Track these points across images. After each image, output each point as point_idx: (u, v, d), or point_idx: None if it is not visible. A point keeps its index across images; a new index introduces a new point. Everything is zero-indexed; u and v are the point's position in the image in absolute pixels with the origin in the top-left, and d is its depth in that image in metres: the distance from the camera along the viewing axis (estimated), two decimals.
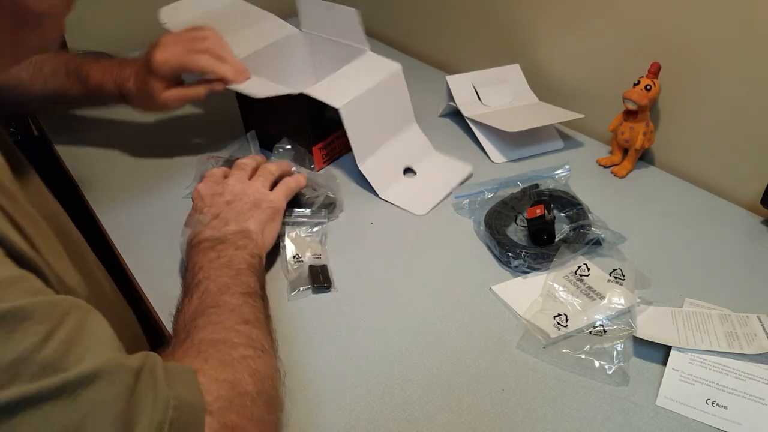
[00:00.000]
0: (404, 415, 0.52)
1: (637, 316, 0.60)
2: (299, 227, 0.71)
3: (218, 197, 0.65)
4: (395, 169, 0.82)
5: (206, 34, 0.76)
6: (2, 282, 0.34)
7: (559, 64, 0.97)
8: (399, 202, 0.78)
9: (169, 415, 0.36)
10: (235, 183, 0.67)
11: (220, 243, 0.59)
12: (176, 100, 0.76)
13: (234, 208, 0.64)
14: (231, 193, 0.66)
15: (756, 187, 0.77)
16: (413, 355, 0.57)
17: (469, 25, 1.11)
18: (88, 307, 0.39)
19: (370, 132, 0.79)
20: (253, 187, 0.67)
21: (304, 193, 0.73)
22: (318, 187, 0.75)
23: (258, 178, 0.69)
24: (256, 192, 0.67)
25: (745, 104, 0.76)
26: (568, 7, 0.92)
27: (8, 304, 0.33)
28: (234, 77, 0.74)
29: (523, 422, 0.51)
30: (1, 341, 0.32)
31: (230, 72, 0.74)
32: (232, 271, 0.55)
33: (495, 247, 0.69)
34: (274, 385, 0.48)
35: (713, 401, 0.53)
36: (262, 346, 0.49)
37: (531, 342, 0.58)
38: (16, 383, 0.31)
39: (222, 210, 0.63)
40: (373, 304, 0.63)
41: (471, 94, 0.96)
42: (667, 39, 0.81)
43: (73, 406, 0.33)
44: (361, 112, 0.76)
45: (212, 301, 0.51)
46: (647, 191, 0.81)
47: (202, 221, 0.63)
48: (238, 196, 0.66)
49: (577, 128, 0.95)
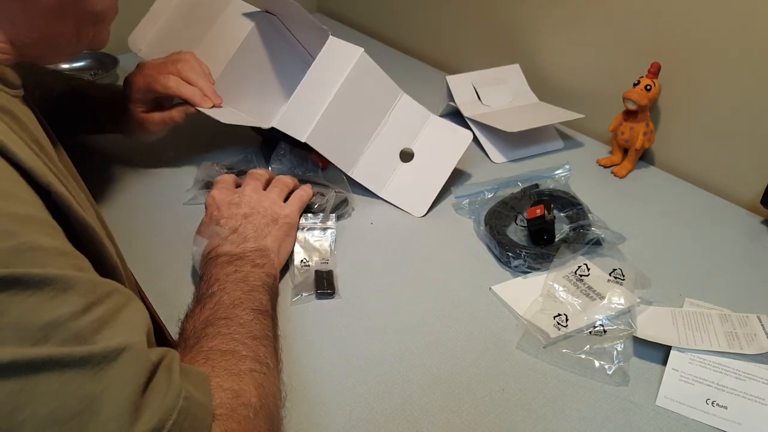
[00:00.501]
0: (404, 415, 0.52)
1: (637, 316, 0.60)
2: (310, 231, 0.71)
3: (235, 208, 0.65)
4: (390, 160, 0.79)
5: (181, 56, 0.76)
6: (52, 250, 0.36)
7: (559, 64, 0.97)
8: (398, 202, 0.77)
9: (180, 404, 0.37)
10: (252, 194, 0.66)
11: (238, 259, 0.59)
12: (153, 123, 0.77)
13: (252, 223, 0.64)
14: (248, 205, 0.65)
15: (756, 187, 0.77)
16: (413, 355, 0.57)
17: (469, 25, 1.11)
18: (130, 295, 0.40)
19: (349, 140, 0.77)
20: (269, 199, 0.67)
21: (313, 202, 0.73)
22: (326, 190, 0.74)
23: (273, 189, 0.69)
24: (273, 205, 0.66)
25: (745, 104, 0.76)
26: (568, 8, 0.92)
27: (55, 271, 0.34)
28: (200, 100, 0.74)
29: (523, 422, 0.51)
30: (41, 303, 0.33)
31: (197, 95, 0.74)
32: (246, 287, 0.56)
33: (495, 247, 0.69)
34: (276, 403, 0.48)
35: (713, 401, 0.53)
36: (267, 363, 0.49)
37: (531, 342, 0.58)
38: (46, 344, 0.33)
39: (240, 224, 0.63)
40: (372, 304, 0.63)
41: (471, 94, 0.96)
42: (667, 39, 0.81)
43: (95, 378, 0.34)
44: (332, 128, 0.74)
45: (224, 313, 0.52)
46: (647, 191, 0.81)
47: (220, 234, 0.62)
48: (255, 208, 0.65)
49: (577, 128, 0.95)
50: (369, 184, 0.78)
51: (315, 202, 0.73)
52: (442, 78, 0.97)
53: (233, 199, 0.66)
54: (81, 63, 1.12)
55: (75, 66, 1.11)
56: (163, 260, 0.68)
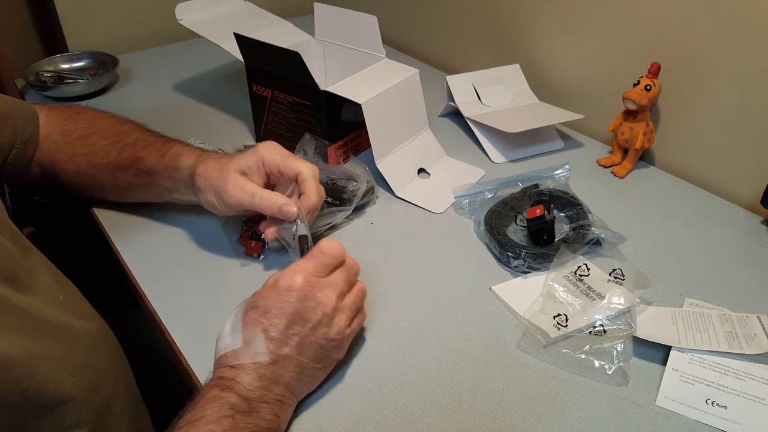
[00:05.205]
0: (404, 415, 0.52)
1: (637, 316, 0.60)
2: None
3: (300, 324, 0.49)
4: (410, 169, 0.83)
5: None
6: None
7: (559, 64, 0.97)
8: (417, 201, 0.79)
9: None
10: (331, 299, 0.51)
11: (245, 411, 0.46)
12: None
13: (305, 354, 0.49)
14: (316, 319, 0.50)
15: (756, 187, 0.77)
16: (413, 355, 0.57)
17: (469, 25, 1.11)
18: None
19: (388, 131, 0.80)
20: (341, 321, 0.52)
21: (345, 187, 0.73)
22: (357, 177, 0.75)
23: (345, 311, 0.52)
24: (344, 327, 0.52)
25: (745, 104, 0.76)
26: (568, 8, 0.92)
27: None
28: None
29: (522, 422, 0.51)
30: None
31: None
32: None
33: (495, 247, 0.69)
34: None
35: (713, 401, 0.53)
36: None
37: (531, 342, 0.58)
38: None
39: (289, 353, 0.49)
40: (372, 304, 0.63)
41: (471, 95, 0.96)
42: (667, 39, 0.81)
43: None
44: (381, 111, 0.78)
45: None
46: (647, 191, 0.81)
47: (257, 350, 0.48)
48: (322, 327, 0.50)
49: (576, 128, 0.95)
50: (391, 181, 0.79)
51: (347, 188, 0.73)
52: (442, 78, 0.97)
53: (308, 305, 0.50)
54: (81, 63, 1.12)
55: (75, 66, 1.11)
56: (164, 258, 0.68)
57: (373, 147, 0.78)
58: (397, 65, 0.84)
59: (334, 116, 0.81)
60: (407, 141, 0.83)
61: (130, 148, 0.68)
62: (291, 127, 0.84)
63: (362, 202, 0.75)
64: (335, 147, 0.80)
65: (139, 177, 0.68)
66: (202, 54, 1.18)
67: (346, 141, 0.83)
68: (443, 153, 0.87)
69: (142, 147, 0.68)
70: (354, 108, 0.76)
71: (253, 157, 0.61)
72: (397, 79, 0.80)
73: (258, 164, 0.61)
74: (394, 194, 0.79)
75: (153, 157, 0.67)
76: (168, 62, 1.18)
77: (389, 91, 0.78)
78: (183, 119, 0.98)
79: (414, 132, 0.84)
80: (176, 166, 0.66)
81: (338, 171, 0.76)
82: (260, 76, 0.84)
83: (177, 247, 0.70)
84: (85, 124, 0.72)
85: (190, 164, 0.65)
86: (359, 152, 0.86)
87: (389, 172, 0.80)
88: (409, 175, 0.82)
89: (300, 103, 0.81)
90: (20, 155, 0.68)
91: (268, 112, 0.86)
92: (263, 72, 0.83)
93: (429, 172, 0.84)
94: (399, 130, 0.82)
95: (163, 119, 0.94)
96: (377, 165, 0.79)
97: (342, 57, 0.90)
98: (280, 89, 0.82)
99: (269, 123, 0.87)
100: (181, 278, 0.66)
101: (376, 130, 0.77)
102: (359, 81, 0.80)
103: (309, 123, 0.81)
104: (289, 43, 0.85)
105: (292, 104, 0.82)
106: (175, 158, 0.66)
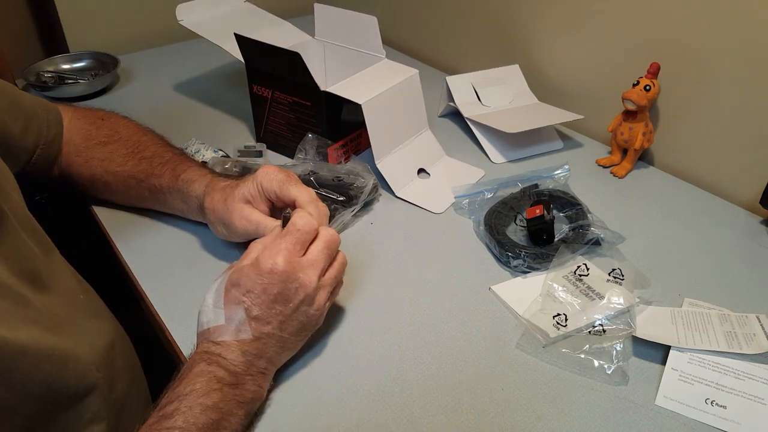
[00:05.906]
0: (404, 415, 0.52)
1: (637, 316, 0.60)
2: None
3: (282, 304, 0.51)
4: (410, 170, 0.83)
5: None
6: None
7: (559, 64, 0.98)
8: (417, 201, 0.79)
9: None
10: (312, 278, 0.52)
11: (232, 386, 0.48)
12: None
13: (286, 329, 0.51)
14: (298, 300, 0.51)
15: (756, 187, 0.77)
16: (413, 355, 0.58)
17: (469, 26, 1.11)
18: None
19: (388, 131, 0.80)
20: (322, 298, 0.53)
21: (352, 183, 0.74)
22: (362, 174, 0.76)
23: (326, 287, 0.54)
24: (324, 302, 0.54)
25: (745, 104, 0.76)
26: (567, 8, 0.92)
27: None
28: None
29: (522, 421, 0.51)
30: None
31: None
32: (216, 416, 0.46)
33: (495, 247, 0.69)
34: None
35: (712, 401, 0.53)
36: None
37: (531, 342, 0.58)
38: None
39: (271, 330, 0.51)
40: (372, 304, 0.63)
41: (471, 95, 0.96)
42: (667, 39, 0.81)
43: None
44: (381, 111, 0.78)
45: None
46: (647, 191, 0.81)
47: (240, 328, 0.50)
48: (304, 306, 0.52)
49: (576, 128, 0.95)
50: (391, 181, 0.80)
51: (354, 184, 0.74)
52: (442, 78, 0.97)
53: (290, 287, 0.51)
54: (82, 63, 1.12)
55: (75, 66, 1.11)
56: (165, 258, 0.68)
57: (373, 147, 0.78)
58: (397, 66, 0.84)
59: (335, 116, 0.81)
60: (407, 141, 0.83)
61: (147, 162, 0.69)
62: (291, 127, 0.84)
63: (369, 199, 0.76)
64: (335, 147, 0.81)
65: (153, 193, 0.70)
66: (203, 54, 1.19)
67: (347, 141, 0.83)
68: (443, 153, 0.87)
69: (158, 164, 0.69)
70: (354, 108, 0.76)
71: (253, 184, 0.61)
72: (397, 80, 0.80)
73: (258, 191, 0.61)
74: (394, 194, 0.79)
75: (167, 176, 0.68)
76: (168, 62, 1.18)
77: (389, 92, 0.79)
78: (183, 119, 0.98)
79: (414, 132, 0.85)
80: (188, 193, 0.66)
81: (343, 169, 0.77)
82: (260, 76, 0.84)
83: (179, 248, 0.70)
84: (107, 131, 0.72)
85: (200, 194, 0.65)
86: (359, 152, 0.87)
87: (389, 172, 0.80)
88: (409, 175, 0.82)
89: (300, 104, 0.81)
90: (44, 155, 0.69)
91: (269, 112, 0.86)
92: (263, 72, 0.83)
93: (429, 172, 0.84)
94: (399, 130, 0.82)
95: (164, 119, 0.95)
96: (377, 165, 0.79)
97: (342, 57, 0.90)
98: (280, 89, 0.83)
99: (269, 123, 0.87)
100: (182, 279, 0.66)
101: (376, 131, 0.78)
102: (359, 81, 0.80)
103: (309, 123, 0.82)
104: (290, 44, 0.85)
105: (292, 104, 0.82)
106: (188, 183, 0.66)
